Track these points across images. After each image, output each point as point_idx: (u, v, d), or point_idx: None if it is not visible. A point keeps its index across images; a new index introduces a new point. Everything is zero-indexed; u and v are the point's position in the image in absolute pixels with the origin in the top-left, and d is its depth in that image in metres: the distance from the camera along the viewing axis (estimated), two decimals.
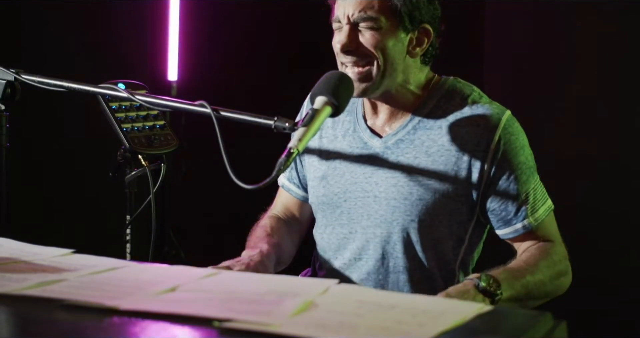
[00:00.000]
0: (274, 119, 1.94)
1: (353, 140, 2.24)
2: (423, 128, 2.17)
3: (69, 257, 1.76)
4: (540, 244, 2.17)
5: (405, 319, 1.38)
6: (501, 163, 2.13)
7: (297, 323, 1.34)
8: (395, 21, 2.11)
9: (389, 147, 2.18)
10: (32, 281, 1.53)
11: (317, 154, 2.30)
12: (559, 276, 2.13)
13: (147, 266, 1.74)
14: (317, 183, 2.28)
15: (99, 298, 1.42)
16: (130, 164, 2.60)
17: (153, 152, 2.55)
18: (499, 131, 2.13)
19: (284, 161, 1.83)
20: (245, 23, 4.23)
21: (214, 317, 1.33)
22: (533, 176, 2.18)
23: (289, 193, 2.42)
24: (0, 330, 1.33)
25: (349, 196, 2.22)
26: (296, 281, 1.62)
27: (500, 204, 2.14)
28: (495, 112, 2.15)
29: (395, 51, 2.13)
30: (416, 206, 2.13)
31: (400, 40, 2.13)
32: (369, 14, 2.10)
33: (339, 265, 2.25)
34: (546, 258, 2.11)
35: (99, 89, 2.16)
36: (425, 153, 2.15)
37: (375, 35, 2.11)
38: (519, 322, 1.44)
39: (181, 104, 2.09)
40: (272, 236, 2.27)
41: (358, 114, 2.26)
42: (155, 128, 2.60)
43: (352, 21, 2.12)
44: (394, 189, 2.15)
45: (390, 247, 2.17)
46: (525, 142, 2.18)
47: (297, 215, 2.42)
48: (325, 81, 2.00)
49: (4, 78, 2.21)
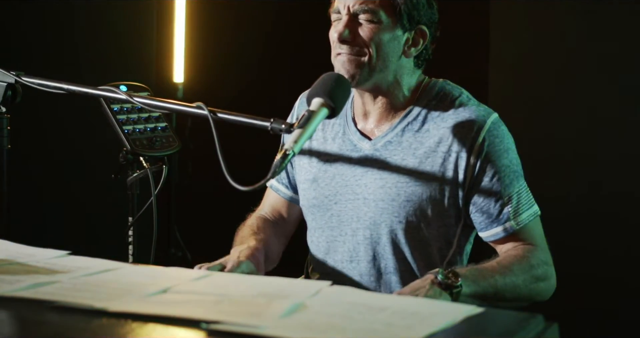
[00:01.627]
0: (270, 120, 1.94)
1: (343, 143, 2.24)
2: (411, 130, 2.17)
3: (64, 259, 1.76)
4: (519, 247, 2.14)
5: (395, 321, 1.38)
6: (484, 164, 2.13)
7: (286, 325, 1.34)
8: (394, 18, 2.13)
9: (377, 149, 2.19)
10: (25, 283, 1.53)
11: (307, 156, 2.30)
12: (536, 281, 2.10)
13: (140, 268, 1.75)
14: (308, 185, 2.28)
15: (89, 300, 1.43)
16: (132, 166, 2.60)
17: (154, 154, 2.56)
18: (484, 133, 2.13)
19: (279, 162, 1.83)
20: (252, 24, 4.24)
21: (202, 318, 1.34)
22: (517, 180, 2.16)
23: (277, 193, 2.42)
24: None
25: (339, 198, 2.22)
26: (288, 283, 1.62)
27: (482, 206, 2.14)
28: (481, 115, 2.15)
29: (391, 47, 2.14)
30: (403, 207, 2.13)
31: (397, 37, 2.14)
32: (369, 7, 2.12)
33: (331, 268, 2.25)
34: (521, 261, 2.09)
35: (98, 91, 2.16)
36: (412, 154, 2.15)
37: (373, 28, 2.12)
38: (509, 323, 1.44)
39: (179, 106, 2.09)
40: (259, 234, 2.27)
41: (348, 118, 2.26)
42: (156, 129, 2.60)
43: (351, 12, 2.13)
44: (382, 191, 2.16)
45: (381, 248, 2.18)
46: (511, 146, 2.17)
47: (285, 216, 2.42)
48: (322, 83, 2.00)
49: (4, 80, 2.21)
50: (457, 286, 1.92)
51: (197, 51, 4.13)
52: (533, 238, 2.16)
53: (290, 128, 1.91)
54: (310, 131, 1.90)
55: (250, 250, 2.15)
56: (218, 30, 4.22)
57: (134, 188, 2.62)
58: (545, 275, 2.13)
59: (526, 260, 2.09)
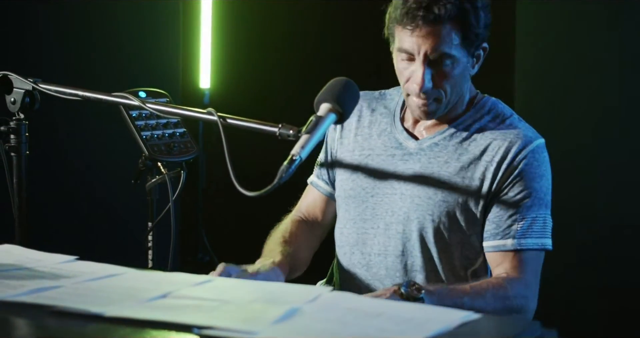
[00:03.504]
0: (278, 126, 1.94)
1: (388, 140, 2.25)
2: (459, 137, 2.19)
3: (71, 264, 1.78)
4: (501, 276, 2.11)
5: (388, 327, 1.38)
6: (514, 180, 2.13)
7: (278, 330, 1.35)
8: (466, 48, 2.10)
9: (423, 149, 2.20)
10: (27, 288, 1.55)
11: (350, 150, 2.31)
12: (510, 312, 2.05)
13: (144, 273, 1.76)
14: (347, 176, 2.29)
15: (88, 305, 1.44)
16: (151, 171, 2.63)
17: (172, 159, 2.57)
18: (526, 151, 2.13)
19: (286, 168, 1.83)
20: (282, 27, 4.23)
21: (195, 324, 1.35)
22: (539, 207, 2.14)
23: (317, 189, 2.41)
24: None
25: (376, 191, 2.23)
26: (290, 288, 1.63)
27: (495, 216, 2.13)
28: (529, 135, 2.16)
29: (462, 77, 2.14)
30: (438, 206, 2.14)
31: (465, 65, 2.13)
32: (448, 52, 2.06)
33: (358, 260, 2.24)
34: (498, 289, 2.06)
35: (111, 98, 2.19)
36: (456, 159, 2.16)
37: (451, 72, 2.10)
38: (505, 330, 1.43)
39: (189, 112, 2.11)
40: (289, 244, 2.27)
41: (396, 117, 2.27)
42: (175, 135, 2.62)
43: (429, 58, 2.07)
44: (420, 188, 2.17)
45: (411, 245, 2.18)
46: (547, 174, 2.16)
47: (320, 217, 2.41)
48: (330, 88, 2.00)
49: (22, 87, 2.24)
50: (418, 298, 1.91)
51: (223, 56, 4.14)
52: (524, 270, 2.12)
53: (298, 133, 1.91)
54: (318, 137, 1.90)
55: (274, 264, 2.15)
56: (246, 35, 4.21)
57: (153, 194, 2.65)
58: (521, 308, 2.08)
59: (503, 289, 2.06)
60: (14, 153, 2.23)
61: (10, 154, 2.23)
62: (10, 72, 2.22)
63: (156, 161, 2.56)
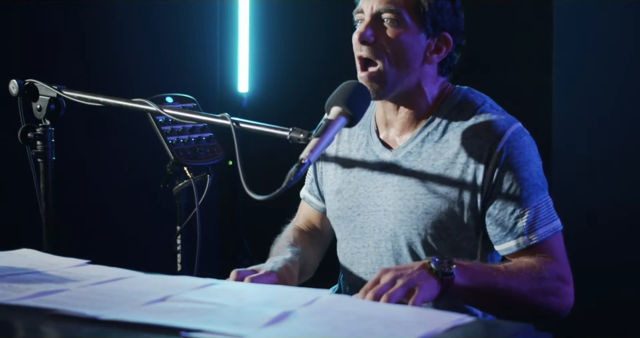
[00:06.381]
0: (289, 130, 1.95)
1: (366, 153, 2.22)
2: (431, 140, 2.14)
3: (83, 268, 1.82)
4: (534, 257, 2.04)
5: (377, 330, 1.38)
6: (501, 176, 2.06)
7: (266, 334, 1.36)
8: (417, 21, 2.09)
9: (398, 160, 2.16)
10: (32, 291, 1.59)
11: (333, 168, 2.29)
12: (546, 294, 1.99)
13: (151, 276, 1.78)
14: (333, 197, 2.27)
15: (87, 308, 1.47)
16: (179, 175, 2.65)
17: (198, 164, 2.60)
18: (502, 144, 2.06)
19: (294, 172, 1.83)
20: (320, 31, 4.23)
21: (183, 327, 1.36)
22: (537, 194, 2.07)
23: (309, 205, 2.42)
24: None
25: (362, 210, 2.20)
26: (289, 291, 1.64)
27: (497, 218, 2.06)
28: (501, 124, 2.09)
29: (413, 51, 2.10)
30: (422, 219, 2.10)
31: (419, 42, 2.10)
32: (393, 7, 2.09)
33: (356, 279, 2.24)
34: (532, 270, 1.99)
35: (129, 104, 2.23)
36: (431, 166, 2.11)
37: (395, 30, 2.09)
38: (497, 334, 1.41)
39: (204, 116, 2.14)
40: (296, 245, 2.27)
41: (371, 128, 2.24)
42: (201, 140, 2.64)
43: (374, 11, 2.10)
44: (401, 203, 2.13)
45: (403, 260, 2.14)
46: (532, 157, 2.09)
47: (319, 227, 2.42)
48: (341, 91, 2.00)
49: (47, 94, 2.29)
50: (449, 274, 1.81)
51: (261, 60, 4.16)
52: (552, 254, 2.06)
53: (309, 137, 1.91)
54: (328, 140, 1.90)
55: (285, 262, 2.13)
56: (283, 38, 4.23)
57: (181, 198, 2.67)
58: (558, 291, 2.02)
59: (538, 269, 1.99)
60: (40, 159, 2.27)
61: (37, 160, 2.28)
62: (35, 80, 2.28)
63: (182, 166, 2.59)
